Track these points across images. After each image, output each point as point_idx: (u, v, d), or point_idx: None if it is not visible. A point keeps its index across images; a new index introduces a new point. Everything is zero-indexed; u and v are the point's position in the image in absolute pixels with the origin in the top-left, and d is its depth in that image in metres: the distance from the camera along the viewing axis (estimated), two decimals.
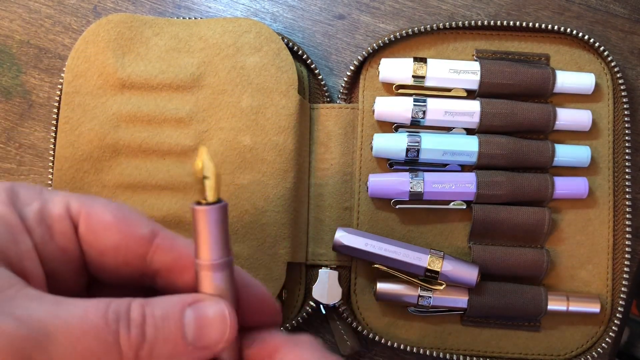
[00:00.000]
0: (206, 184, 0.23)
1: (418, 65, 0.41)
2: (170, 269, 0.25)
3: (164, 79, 0.40)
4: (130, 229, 0.24)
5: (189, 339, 0.22)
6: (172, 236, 0.25)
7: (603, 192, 0.42)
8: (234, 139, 0.40)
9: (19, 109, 0.45)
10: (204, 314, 0.22)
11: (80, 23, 0.45)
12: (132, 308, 0.21)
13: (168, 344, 0.22)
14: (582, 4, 0.45)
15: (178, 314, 0.22)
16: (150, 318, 0.21)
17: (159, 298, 0.22)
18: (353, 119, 0.43)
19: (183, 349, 0.22)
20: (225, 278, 0.24)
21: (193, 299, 0.23)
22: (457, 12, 0.45)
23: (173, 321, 0.22)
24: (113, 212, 0.24)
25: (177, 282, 0.25)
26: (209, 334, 0.22)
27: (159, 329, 0.21)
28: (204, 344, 0.22)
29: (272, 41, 0.41)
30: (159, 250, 0.24)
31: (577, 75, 0.42)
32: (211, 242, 0.23)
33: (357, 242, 0.39)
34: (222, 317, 0.23)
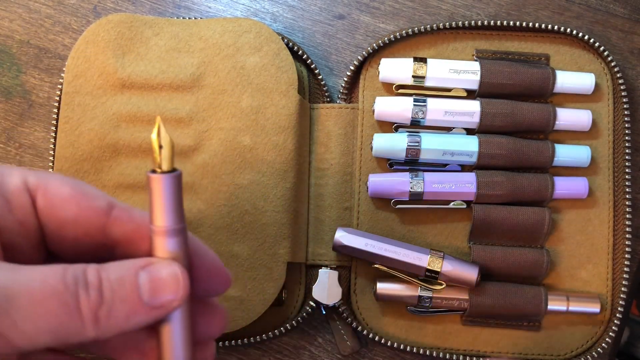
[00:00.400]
0: (161, 153, 0.24)
1: (418, 65, 0.41)
2: (129, 239, 0.25)
3: (164, 79, 0.40)
4: (88, 201, 0.25)
5: (145, 299, 0.23)
6: (128, 208, 0.26)
7: (603, 192, 0.42)
8: (234, 139, 0.40)
9: (19, 109, 0.45)
10: (157, 275, 0.24)
11: (80, 23, 0.45)
12: (88, 272, 0.22)
13: (125, 305, 0.23)
14: (582, 4, 0.45)
15: (132, 276, 0.23)
16: (107, 281, 0.23)
17: (113, 263, 0.24)
18: (353, 119, 0.43)
19: (139, 308, 0.23)
20: (178, 244, 0.25)
21: (146, 262, 0.24)
22: (457, 12, 0.45)
23: (128, 283, 0.23)
24: (70, 186, 0.25)
25: (136, 252, 0.25)
26: (163, 294, 0.24)
27: (115, 290, 0.23)
28: (159, 303, 0.24)
29: (272, 41, 0.41)
30: (117, 221, 0.25)
31: (577, 75, 0.42)
32: (165, 209, 0.24)
33: (357, 242, 0.39)
34: (175, 277, 0.24)
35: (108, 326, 0.22)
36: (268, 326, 0.41)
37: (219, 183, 0.40)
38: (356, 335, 0.41)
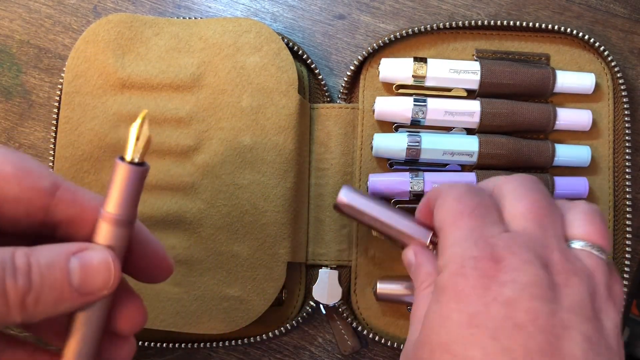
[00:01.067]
0: (137, 144, 0.24)
1: (418, 65, 0.41)
2: (72, 221, 0.25)
3: (164, 78, 0.40)
4: (31, 181, 0.24)
5: (74, 285, 0.23)
6: (74, 189, 0.25)
7: (603, 192, 0.41)
8: (234, 138, 0.40)
9: (19, 109, 0.45)
10: (89, 262, 0.23)
11: (81, 23, 0.45)
12: (16, 256, 0.22)
13: (54, 291, 0.22)
14: (582, 4, 0.45)
15: (63, 262, 0.23)
16: (36, 266, 0.22)
17: (44, 247, 0.23)
18: (353, 119, 0.43)
19: (68, 294, 0.23)
20: (122, 235, 0.25)
21: (78, 247, 0.24)
22: (457, 12, 0.45)
23: (58, 268, 0.23)
24: (13, 163, 0.24)
25: (78, 234, 0.25)
26: (93, 281, 0.23)
27: (44, 276, 0.22)
28: (89, 290, 0.23)
29: (272, 41, 0.41)
30: (60, 202, 0.25)
31: (577, 75, 0.42)
32: (122, 198, 0.25)
33: (360, 203, 0.36)
34: (106, 265, 0.24)
35: (35, 312, 0.22)
36: (268, 326, 0.41)
37: (219, 183, 0.40)
38: (356, 335, 0.41)
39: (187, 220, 0.40)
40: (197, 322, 0.39)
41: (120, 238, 0.25)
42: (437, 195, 0.30)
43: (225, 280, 0.39)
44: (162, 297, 0.39)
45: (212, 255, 0.39)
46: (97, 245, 0.25)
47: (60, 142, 0.40)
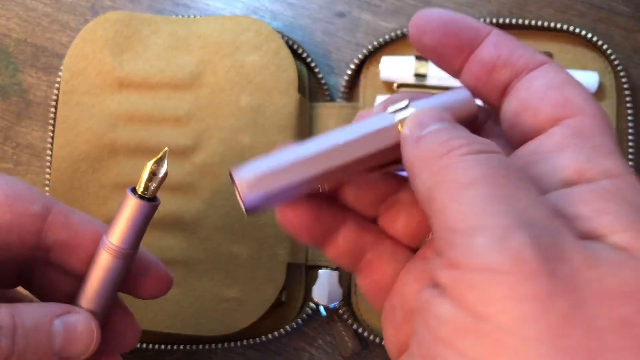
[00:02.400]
0: (154, 180, 0.24)
1: (420, 64, 0.41)
2: (64, 245, 0.25)
3: (162, 77, 0.40)
4: (23, 206, 0.24)
5: (56, 349, 0.23)
6: (66, 211, 0.25)
7: None
8: (234, 138, 0.40)
9: (16, 108, 0.44)
10: (72, 327, 0.23)
11: (78, 21, 0.45)
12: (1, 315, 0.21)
13: (35, 355, 0.22)
14: (585, 2, 0.44)
15: (47, 325, 0.23)
16: (21, 328, 0.22)
17: (28, 306, 0.23)
18: (353, 118, 0.42)
19: (48, 358, 0.23)
20: (122, 266, 0.25)
21: (62, 310, 0.23)
22: (459, 10, 0.44)
23: (42, 332, 0.22)
24: (3, 190, 0.24)
25: (71, 259, 0.25)
26: (75, 346, 0.23)
27: (29, 339, 0.22)
28: (70, 355, 0.23)
29: (271, 39, 0.41)
30: (53, 226, 0.24)
31: (580, 74, 0.41)
32: (128, 231, 0.24)
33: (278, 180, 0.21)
34: (89, 331, 0.24)
35: None
36: (268, 327, 0.41)
37: (219, 183, 0.39)
38: (357, 336, 0.41)
39: (186, 220, 0.39)
40: (196, 323, 0.39)
41: (120, 269, 0.25)
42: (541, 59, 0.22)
43: (224, 281, 0.39)
44: (161, 298, 0.39)
45: (211, 256, 0.39)
46: (80, 309, 0.24)
47: (58, 142, 0.40)
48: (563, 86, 0.20)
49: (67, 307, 0.24)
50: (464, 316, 0.16)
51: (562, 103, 0.20)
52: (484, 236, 0.16)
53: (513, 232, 0.16)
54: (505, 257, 0.15)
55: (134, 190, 0.25)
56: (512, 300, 0.15)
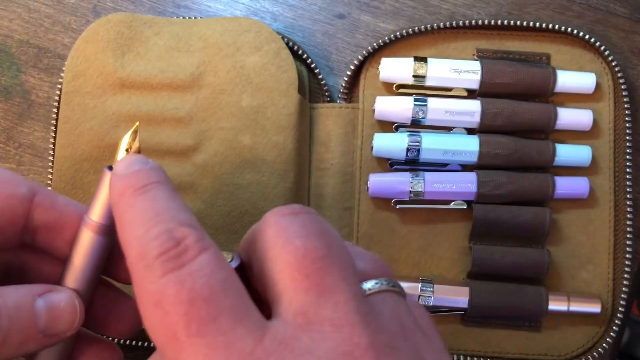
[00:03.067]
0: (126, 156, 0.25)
1: (418, 65, 0.41)
2: (50, 227, 0.25)
3: (163, 78, 0.40)
4: (9, 189, 0.24)
5: (40, 328, 0.23)
6: (52, 194, 0.25)
7: (604, 192, 0.41)
8: (234, 138, 0.40)
9: (19, 109, 0.44)
10: (55, 305, 0.24)
11: (80, 22, 0.45)
12: None
13: (20, 333, 0.22)
14: (582, 3, 0.44)
15: (30, 304, 0.23)
16: (4, 309, 0.22)
17: (9, 287, 0.23)
18: (353, 119, 0.43)
19: (34, 337, 0.23)
20: (104, 243, 0.25)
21: (43, 289, 0.24)
22: (457, 11, 0.45)
23: (25, 311, 0.23)
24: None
25: (56, 241, 0.25)
26: (59, 323, 0.24)
27: (12, 319, 0.22)
28: (54, 332, 0.24)
29: (272, 40, 0.41)
30: (38, 207, 0.25)
31: (578, 75, 0.42)
32: (107, 206, 0.25)
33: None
34: (72, 308, 0.24)
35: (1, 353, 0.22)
36: None
37: (219, 183, 0.40)
38: None
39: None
40: None
41: (103, 246, 0.25)
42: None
43: None
44: None
45: None
46: (63, 287, 0.25)
47: (60, 142, 0.40)
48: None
49: (48, 286, 0.24)
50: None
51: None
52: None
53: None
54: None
55: (110, 167, 0.25)
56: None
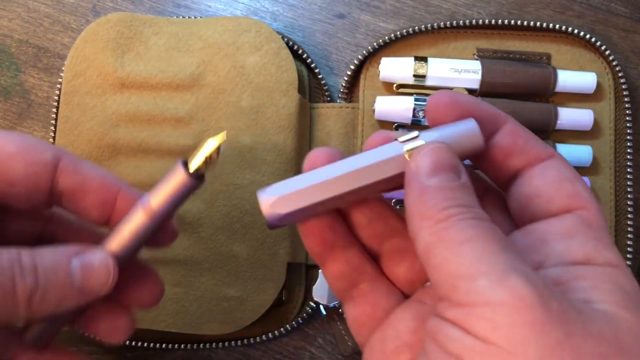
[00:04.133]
0: (206, 162, 0.25)
1: (419, 65, 0.41)
2: (75, 191, 0.26)
3: (163, 78, 0.40)
4: (35, 155, 0.25)
5: (76, 285, 0.24)
6: (76, 159, 0.26)
7: (604, 192, 0.41)
8: (234, 138, 0.40)
9: (18, 109, 0.44)
10: (89, 264, 0.25)
11: (80, 22, 0.45)
12: (22, 257, 0.23)
13: (58, 291, 0.24)
14: (583, 3, 0.44)
15: (65, 264, 0.24)
16: (41, 267, 0.23)
17: (46, 249, 0.24)
18: (353, 119, 0.43)
19: (70, 294, 0.24)
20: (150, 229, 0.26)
21: (78, 249, 0.25)
22: (458, 11, 0.45)
23: (61, 270, 0.24)
24: (15, 143, 0.25)
25: (81, 204, 0.26)
26: (94, 282, 0.25)
27: (49, 276, 0.23)
28: (89, 290, 0.25)
29: (272, 40, 0.41)
30: (63, 173, 0.26)
31: (578, 75, 0.41)
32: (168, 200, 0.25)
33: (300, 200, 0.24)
34: (106, 265, 0.25)
35: (39, 310, 0.23)
36: (268, 327, 0.41)
37: (219, 183, 0.40)
38: None
39: (187, 220, 0.39)
40: (196, 322, 0.39)
41: (150, 230, 0.26)
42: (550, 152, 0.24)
43: (225, 280, 0.39)
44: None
45: (211, 256, 0.39)
46: (97, 248, 0.25)
47: (59, 142, 0.40)
48: (573, 180, 0.24)
49: (83, 247, 0.25)
50: (471, 339, 0.19)
51: (574, 195, 0.23)
52: (484, 279, 0.19)
53: (509, 275, 0.19)
54: (505, 293, 0.19)
55: (185, 163, 0.25)
56: (513, 326, 0.18)
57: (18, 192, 0.25)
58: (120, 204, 0.27)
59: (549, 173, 0.24)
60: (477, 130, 0.24)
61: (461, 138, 0.24)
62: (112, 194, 0.26)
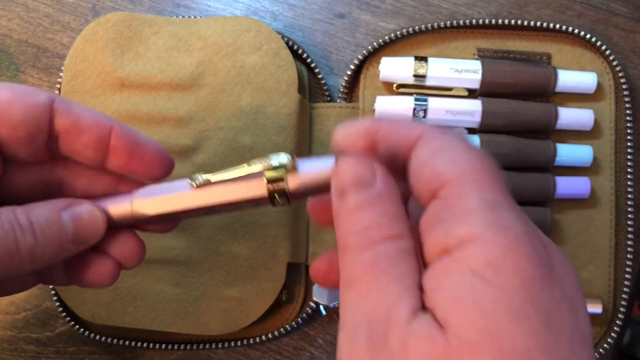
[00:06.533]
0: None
1: (419, 64, 0.41)
2: (70, 131, 0.27)
3: (163, 78, 0.40)
4: (31, 98, 0.26)
5: (69, 237, 0.26)
6: (67, 101, 0.27)
7: (605, 192, 0.41)
8: (234, 138, 0.40)
9: None
10: (79, 216, 0.26)
11: (79, 22, 0.45)
12: (19, 217, 0.25)
13: (54, 243, 0.26)
14: (583, 3, 0.44)
15: (57, 218, 0.26)
16: (37, 225, 0.25)
17: (36, 205, 0.26)
18: (353, 119, 0.43)
19: (65, 245, 0.26)
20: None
21: (67, 203, 0.27)
22: (458, 10, 0.44)
23: (54, 225, 0.26)
24: (9, 89, 0.26)
25: (77, 145, 0.27)
26: (85, 232, 0.27)
27: (45, 232, 0.25)
28: (82, 240, 0.27)
29: (272, 40, 0.41)
30: (57, 114, 0.26)
31: (578, 75, 0.41)
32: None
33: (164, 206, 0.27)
34: (94, 216, 0.27)
35: (41, 262, 0.25)
36: (268, 327, 0.41)
37: None
38: None
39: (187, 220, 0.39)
40: (196, 322, 0.39)
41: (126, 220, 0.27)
42: (417, 133, 0.23)
43: (224, 280, 0.39)
44: (162, 297, 0.39)
45: (211, 256, 0.39)
46: (83, 200, 0.27)
47: None
48: (433, 158, 0.21)
49: (71, 200, 0.27)
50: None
51: (431, 178, 0.21)
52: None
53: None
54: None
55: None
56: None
57: (20, 136, 0.26)
58: (114, 141, 0.27)
59: (414, 163, 0.22)
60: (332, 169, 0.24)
61: (319, 175, 0.25)
62: (105, 131, 0.27)
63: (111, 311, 0.39)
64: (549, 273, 0.19)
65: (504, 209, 0.20)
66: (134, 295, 0.39)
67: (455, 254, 0.19)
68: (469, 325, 0.18)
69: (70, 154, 0.28)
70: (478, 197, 0.20)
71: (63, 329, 0.42)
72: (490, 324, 0.18)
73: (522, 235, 0.19)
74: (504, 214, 0.20)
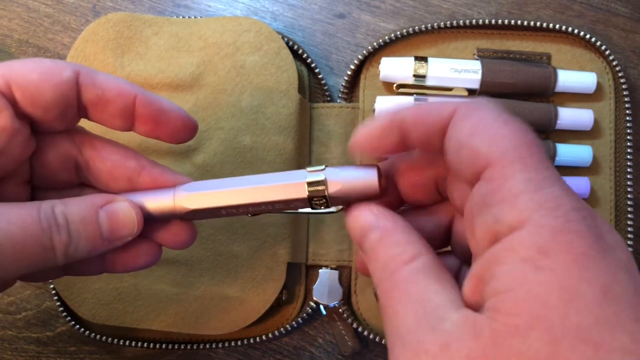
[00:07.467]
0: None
1: (419, 65, 0.41)
2: (96, 103, 0.27)
3: (163, 78, 0.40)
4: (57, 76, 0.26)
5: (105, 236, 0.26)
6: (92, 72, 0.27)
7: (604, 192, 0.41)
8: (234, 138, 0.40)
9: None
10: (115, 215, 0.27)
11: (80, 22, 0.45)
12: (56, 214, 0.25)
13: (89, 241, 0.26)
14: (583, 3, 0.44)
15: (94, 216, 0.26)
16: (72, 222, 0.26)
17: (74, 201, 0.26)
18: (353, 119, 0.43)
19: (100, 243, 0.26)
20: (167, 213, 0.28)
21: (104, 200, 0.27)
22: (458, 11, 0.45)
23: (90, 223, 0.26)
24: (35, 70, 0.26)
25: (104, 114, 0.28)
26: (120, 231, 0.27)
27: (80, 230, 0.26)
28: (117, 238, 0.27)
29: (272, 40, 0.41)
30: (83, 87, 0.27)
31: (578, 75, 0.41)
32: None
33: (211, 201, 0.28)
34: (130, 216, 0.27)
35: (74, 258, 0.26)
36: (268, 327, 0.41)
37: None
38: (357, 335, 0.41)
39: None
40: (196, 322, 0.39)
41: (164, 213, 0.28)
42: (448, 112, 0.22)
43: (224, 280, 0.39)
44: (162, 297, 0.39)
45: (211, 256, 0.39)
46: (120, 197, 0.27)
47: None
48: (471, 139, 0.21)
49: (109, 196, 0.27)
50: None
51: (471, 160, 0.21)
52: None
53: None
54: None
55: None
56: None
57: (53, 115, 0.26)
58: (139, 109, 0.28)
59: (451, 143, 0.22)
60: (375, 181, 0.26)
61: (359, 183, 0.26)
62: (130, 100, 0.27)
63: (111, 311, 0.39)
64: (601, 244, 0.19)
65: (549, 183, 0.20)
66: (134, 295, 0.39)
67: (505, 243, 0.19)
68: (518, 313, 0.18)
69: (99, 121, 0.28)
70: (523, 178, 0.20)
71: (63, 329, 0.42)
72: (539, 309, 0.18)
73: (571, 210, 0.19)
74: (550, 190, 0.19)
